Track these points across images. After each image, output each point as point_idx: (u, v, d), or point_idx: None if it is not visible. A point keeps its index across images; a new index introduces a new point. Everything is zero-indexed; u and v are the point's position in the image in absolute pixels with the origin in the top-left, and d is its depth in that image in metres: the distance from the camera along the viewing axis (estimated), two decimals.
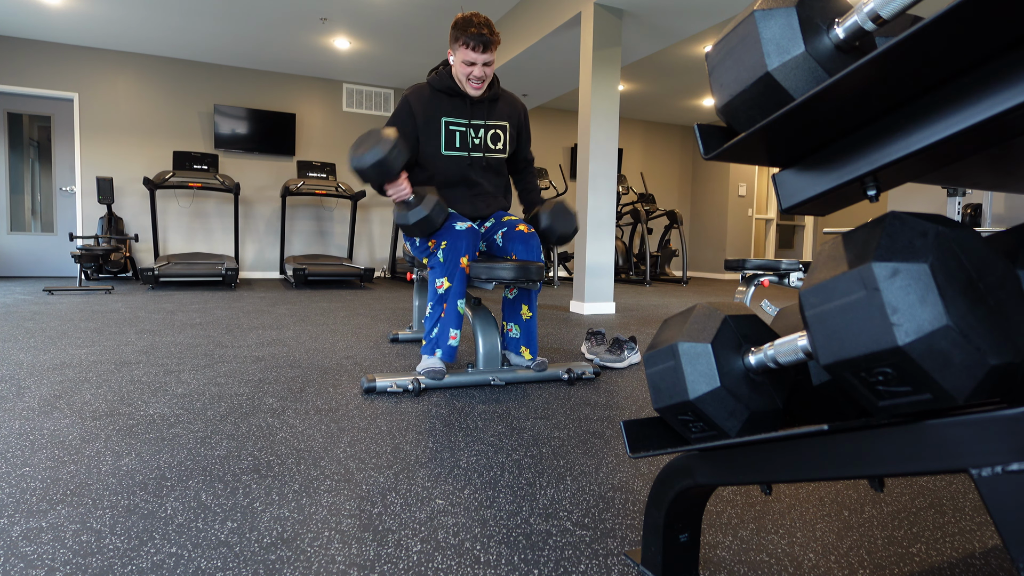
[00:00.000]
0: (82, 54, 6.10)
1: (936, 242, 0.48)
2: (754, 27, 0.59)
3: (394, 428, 1.49)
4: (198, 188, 5.81)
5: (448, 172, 2.09)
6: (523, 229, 2.08)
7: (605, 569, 0.86)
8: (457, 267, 1.93)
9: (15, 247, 6.23)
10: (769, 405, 0.68)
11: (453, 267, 1.93)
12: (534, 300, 2.16)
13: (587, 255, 4.13)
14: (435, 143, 2.06)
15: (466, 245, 1.95)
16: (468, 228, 1.97)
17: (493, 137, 2.13)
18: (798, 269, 2.87)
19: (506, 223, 2.12)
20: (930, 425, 0.50)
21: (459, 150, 2.09)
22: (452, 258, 1.93)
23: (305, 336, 2.86)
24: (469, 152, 2.10)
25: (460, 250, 1.94)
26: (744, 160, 0.69)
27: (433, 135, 2.05)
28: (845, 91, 0.51)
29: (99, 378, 1.93)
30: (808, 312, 0.54)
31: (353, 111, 7.22)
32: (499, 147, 2.15)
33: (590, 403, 1.78)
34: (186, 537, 0.92)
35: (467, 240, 1.95)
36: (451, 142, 2.07)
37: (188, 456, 1.26)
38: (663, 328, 0.76)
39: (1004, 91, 0.44)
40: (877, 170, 0.55)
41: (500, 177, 2.21)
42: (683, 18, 4.34)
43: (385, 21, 5.27)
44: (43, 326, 2.99)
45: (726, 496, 1.12)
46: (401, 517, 1.00)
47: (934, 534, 0.99)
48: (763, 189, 8.96)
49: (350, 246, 6.64)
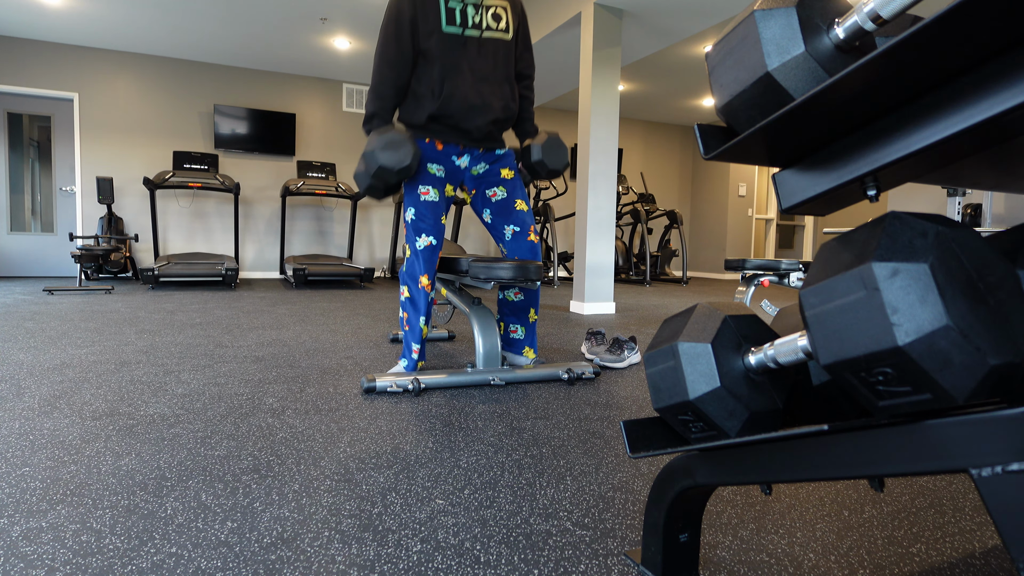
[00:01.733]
0: (82, 54, 6.10)
1: (936, 242, 0.48)
2: (754, 27, 0.59)
3: (394, 428, 1.49)
4: (198, 188, 5.81)
5: (450, 54, 1.92)
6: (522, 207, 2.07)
7: (605, 569, 0.86)
8: (418, 284, 1.98)
9: (15, 247, 6.23)
10: (769, 405, 0.68)
11: (414, 283, 1.98)
12: (538, 300, 2.16)
13: (587, 255, 4.13)
14: (434, 20, 1.90)
15: (425, 264, 1.98)
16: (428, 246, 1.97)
17: (494, 16, 1.98)
18: (798, 269, 2.87)
19: (500, 191, 2.08)
20: (930, 425, 0.50)
21: (459, 26, 1.92)
22: (412, 271, 1.98)
23: (305, 336, 2.86)
24: (469, 28, 1.94)
25: (417, 269, 1.96)
26: (744, 160, 0.69)
27: (432, 14, 1.90)
28: (845, 91, 0.51)
29: (99, 378, 1.93)
30: (808, 312, 0.54)
31: (353, 111, 7.22)
32: (501, 27, 1.99)
33: (590, 403, 1.78)
34: (186, 537, 0.92)
35: (427, 259, 1.98)
36: (451, 18, 1.91)
37: (188, 456, 1.26)
38: (663, 328, 0.76)
39: (1004, 91, 0.44)
40: (877, 170, 0.55)
41: (507, 67, 2.03)
42: (683, 18, 4.34)
43: None
44: (43, 326, 2.99)
45: (726, 496, 1.12)
46: (401, 517, 1.00)
47: (934, 534, 0.99)
48: (763, 189, 8.96)
49: (350, 246, 6.64)
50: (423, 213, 1.96)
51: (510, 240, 2.08)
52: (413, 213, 1.97)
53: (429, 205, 1.97)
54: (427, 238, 1.96)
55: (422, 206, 1.96)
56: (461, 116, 1.94)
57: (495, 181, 2.09)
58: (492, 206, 2.09)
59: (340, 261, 6.27)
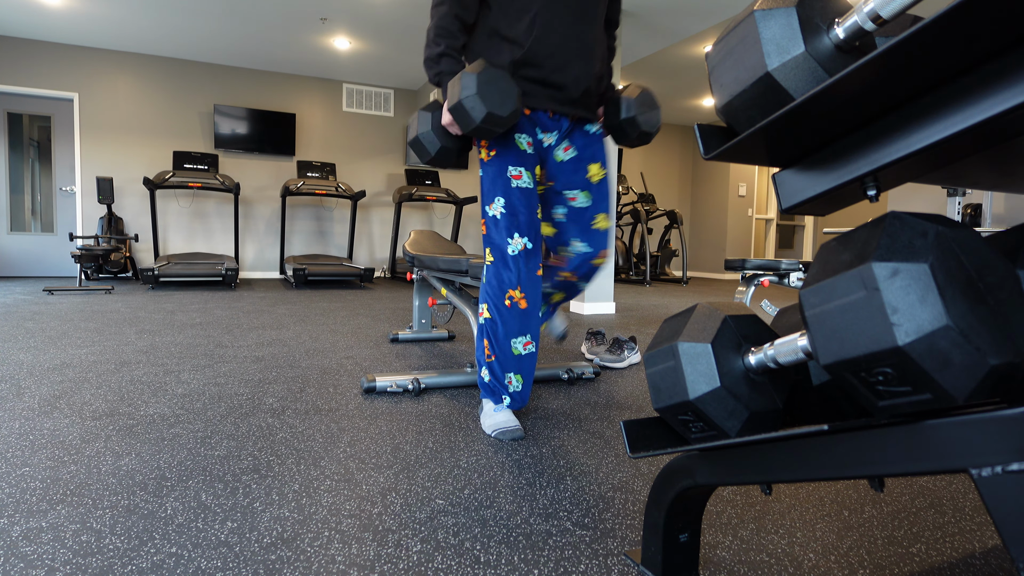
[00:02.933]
0: (82, 54, 6.10)
1: (936, 242, 0.48)
2: (754, 27, 0.59)
3: (394, 428, 1.49)
4: (198, 188, 5.80)
5: (551, 6, 1.44)
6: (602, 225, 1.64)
7: (605, 569, 0.86)
8: (505, 299, 1.48)
9: (15, 247, 6.23)
10: (769, 405, 0.68)
11: (500, 299, 1.48)
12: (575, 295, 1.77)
13: None
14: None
15: (519, 274, 1.47)
16: (523, 251, 1.47)
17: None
18: (798, 269, 2.87)
19: (584, 197, 1.61)
20: (930, 425, 0.50)
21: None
22: (499, 283, 1.49)
23: (305, 336, 2.86)
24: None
25: (506, 280, 1.47)
26: (744, 160, 0.69)
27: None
28: (845, 91, 0.51)
29: (99, 378, 1.93)
30: (808, 312, 0.54)
31: (353, 111, 7.22)
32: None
33: (590, 403, 1.78)
34: (186, 537, 0.92)
35: (521, 267, 1.48)
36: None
37: (188, 456, 1.26)
38: (663, 328, 0.76)
39: (1004, 91, 0.44)
40: (877, 170, 0.55)
41: (602, 6, 1.54)
42: (683, 18, 4.34)
43: (385, 21, 5.27)
44: (43, 326, 2.99)
45: (726, 496, 1.12)
46: (401, 517, 1.00)
47: (934, 534, 0.99)
48: (763, 189, 8.96)
49: (350, 246, 6.64)
50: (516, 206, 1.46)
51: (574, 256, 1.63)
52: (502, 205, 1.46)
53: (523, 194, 1.47)
54: (521, 239, 1.47)
55: (514, 195, 1.46)
56: (556, 65, 1.45)
57: (579, 182, 1.61)
58: (568, 210, 1.62)
59: (340, 261, 6.27)
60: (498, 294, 1.48)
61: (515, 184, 1.46)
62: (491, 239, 1.49)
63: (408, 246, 2.55)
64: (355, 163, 7.24)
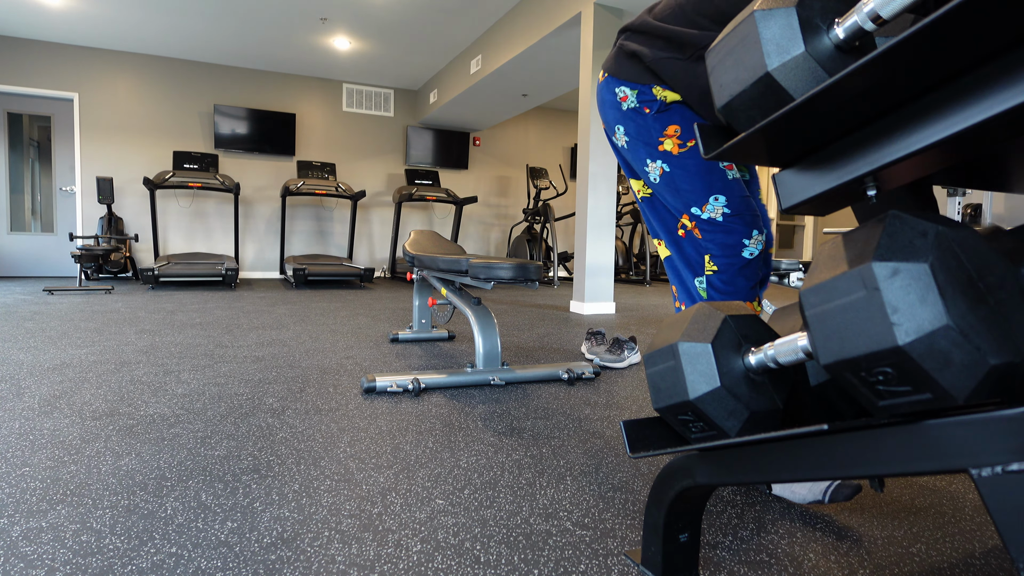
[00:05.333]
0: (82, 54, 6.10)
1: (936, 242, 0.48)
2: (754, 27, 0.59)
3: (394, 428, 1.49)
4: (198, 188, 5.80)
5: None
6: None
7: (605, 569, 0.86)
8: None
9: (15, 247, 6.23)
10: (769, 405, 0.68)
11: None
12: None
13: (587, 255, 4.13)
14: None
15: (754, 280, 1.23)
16: (764, 249, 1.23)
17: None
18: (798, 269, 2.87)
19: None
20: (930, 425, 0.50)
21: None
22: (735, 293, 1.23)
23: (305, 336, 2.86)
24: None
25: (744, 287, 1.22)
26: (744, 160, 0.69)
27: None
28: (845, 91, 0.51)
29: (99, 378, 1.93)
30: (808, 312, 0.54)
31: (353, 111, 7.22)
32: None
33: (590, 403, 1.78)
34: (186, 537, 0.92)
35: (755, 272, 1.23)
36: None
37: (188, 456, 1.26)
38: (663, 328, 0.76)
39: (1004, 91, 0.44)
40: (877, 170, 0.55)
41: None
42: None
43: (385, 21, 5.27)
44: (43, 326, 2.98)
45: (726, 496, 1.12)
46: (401, 517, 1.00)
47: (934, 534, 0.99)
48: (763, 189, 8.96)
49: (350, 246, 6.64)
50: (740, 203, 1.21)
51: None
52: (725, 203, 1.20)
53: (741, 186, 1.24)
54: (759, 236, 1.22)
55: (733, 188, 1.22)
56: None
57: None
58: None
59: (340, 261, 6.27)
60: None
61: (730, 175, 1.22)
62: (724, 241, 1.21)
63: (408, 246, 2.55)
64: (355, 163, 7.24)
